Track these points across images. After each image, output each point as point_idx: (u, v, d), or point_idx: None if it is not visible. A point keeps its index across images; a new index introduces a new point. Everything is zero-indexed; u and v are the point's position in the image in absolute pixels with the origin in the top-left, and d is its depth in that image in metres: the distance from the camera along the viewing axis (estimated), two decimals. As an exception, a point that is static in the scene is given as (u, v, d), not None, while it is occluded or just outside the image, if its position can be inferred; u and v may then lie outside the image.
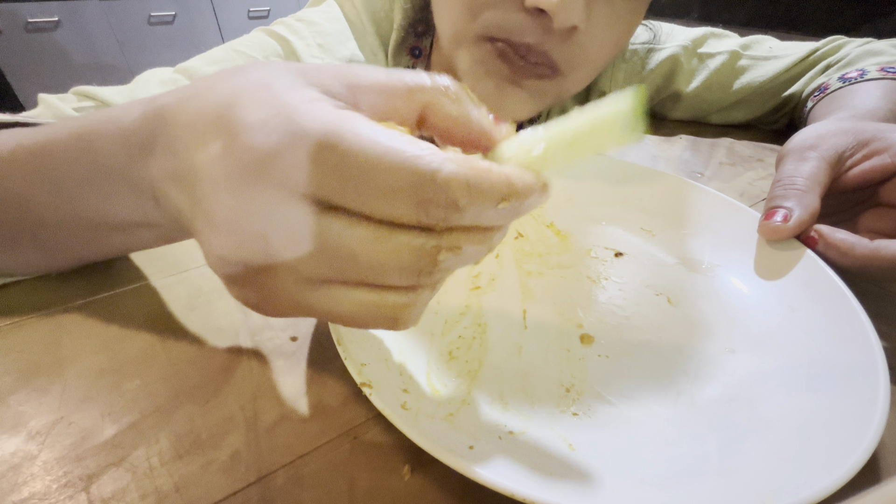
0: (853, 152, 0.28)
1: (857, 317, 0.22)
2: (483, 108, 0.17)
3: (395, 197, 0.13)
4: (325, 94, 0.14)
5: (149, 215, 0.19)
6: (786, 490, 0.15)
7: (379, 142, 0.13)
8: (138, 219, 0.20)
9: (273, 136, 0.13)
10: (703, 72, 0.54)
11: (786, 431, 0.18)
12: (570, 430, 0.19)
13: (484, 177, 0.13)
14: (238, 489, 0.17)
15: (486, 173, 0.13)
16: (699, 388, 0.22)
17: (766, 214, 0.27)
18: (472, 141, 0.16)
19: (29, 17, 1.60)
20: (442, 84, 0.16)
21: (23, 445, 0.18)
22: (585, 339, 0.24)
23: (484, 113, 0.17)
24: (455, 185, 0.13)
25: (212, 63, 0.38)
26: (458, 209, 0.13)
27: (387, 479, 0.18)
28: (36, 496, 0.16)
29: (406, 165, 0.12)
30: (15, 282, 0.26)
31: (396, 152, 0.12)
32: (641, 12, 0.36)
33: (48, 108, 0.32)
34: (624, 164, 0.36)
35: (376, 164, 0.12)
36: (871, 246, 0.24)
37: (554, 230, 0.32)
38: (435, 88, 0.15)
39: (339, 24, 0.42)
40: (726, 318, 0.26)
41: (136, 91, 0.35)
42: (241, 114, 0.13)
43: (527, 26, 0.33)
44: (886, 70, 0.42)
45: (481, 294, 0.27)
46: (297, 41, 0.39)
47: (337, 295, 0.14)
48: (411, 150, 0.13)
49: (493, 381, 0.22)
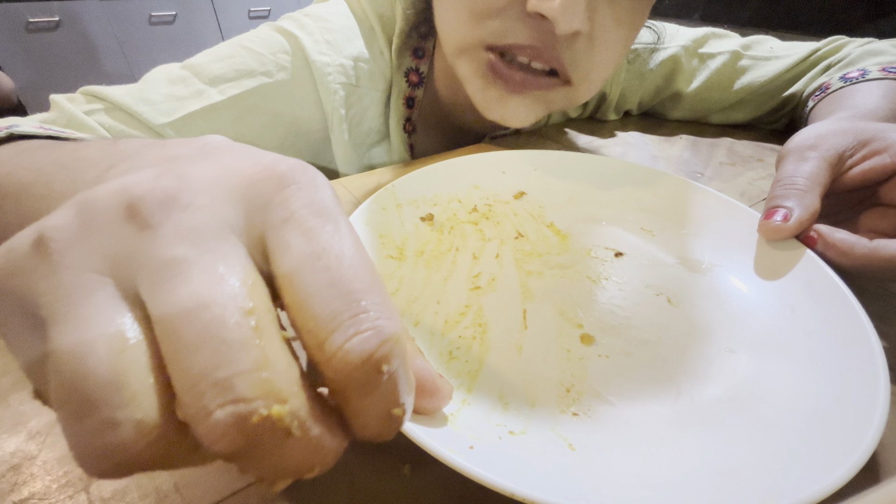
0: (853, 152, 0.28)
1: (857, 317, 0.22)
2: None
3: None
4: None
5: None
6: (786, 490, 0.15)
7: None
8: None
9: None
10: (703, 72, 0.54)
11: (786, 431, 0.18)
12: (570, 430, 0.19)
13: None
14: (238, 489, 0.17)
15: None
16: (699, 388, 0.22)
17: (766, 214, 0.27)
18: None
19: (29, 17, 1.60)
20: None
21: (23, 445, 0.18)
22: (585, 339, 0.24)
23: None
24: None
25: (219, 59, 0.37)
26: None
27: (387, 479, 0.18)
28: (36, 496, 0.16)
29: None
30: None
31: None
32: (645, 14, 0.35)
33: (61, 111, 0.32)
34: (624, 164, 0.36)
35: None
36: (871, 246, 0.24)
37: (554, 230, 0.32)
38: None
39: (347, 22, 0.42)
40: (726, 318, 0.26)
41: (145, 90, 0.35)
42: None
43: (530, 32, 0.33)
44: (888, 70, 0.42)
45: (481, 294, 0.27)
46: (304, 37, 0.39)
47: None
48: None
49: (493, 381, 0.22)
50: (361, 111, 0.43)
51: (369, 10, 0.43)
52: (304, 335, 0.10)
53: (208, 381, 0.09)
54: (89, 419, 0.09)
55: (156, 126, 0.34)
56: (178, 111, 0.35)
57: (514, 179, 0.36)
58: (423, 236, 0.30)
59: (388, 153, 0.48)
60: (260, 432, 0.09)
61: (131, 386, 0.09)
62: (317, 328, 0.10)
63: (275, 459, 0.10)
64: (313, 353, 0.10)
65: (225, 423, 0.09)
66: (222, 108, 0.36)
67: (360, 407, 0.11)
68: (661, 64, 0.55)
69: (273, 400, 0.09)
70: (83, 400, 0.09)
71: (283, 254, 0.11)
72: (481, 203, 0.34)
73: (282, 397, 0.09)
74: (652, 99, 0.59)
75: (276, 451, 0.09)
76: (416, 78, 0.44)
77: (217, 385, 0.09)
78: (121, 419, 0.09)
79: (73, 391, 0.09)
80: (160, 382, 0.09)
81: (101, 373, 0.09)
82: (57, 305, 0.09)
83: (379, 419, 0.11)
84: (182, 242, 0.10)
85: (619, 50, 0.36)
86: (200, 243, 0.10)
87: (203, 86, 0.36)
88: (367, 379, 0.10)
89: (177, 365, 0.09)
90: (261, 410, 0.09)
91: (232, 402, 0.09)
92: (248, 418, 0.09)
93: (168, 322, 0.09)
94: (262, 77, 0.38)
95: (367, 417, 0.11)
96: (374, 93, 0.43)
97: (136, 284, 0.10)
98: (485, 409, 0.20)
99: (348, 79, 0.41)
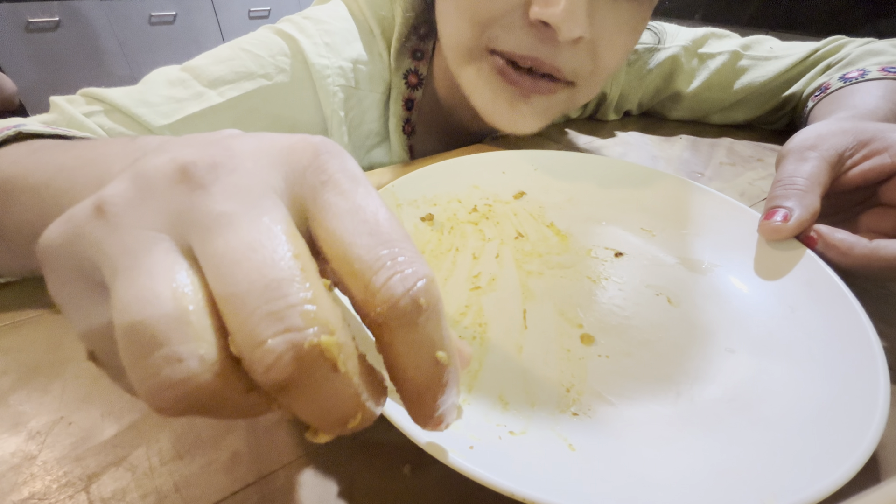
0: (853, 152, 0.28)
1: (857, 317, 0.22)
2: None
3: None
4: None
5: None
6: (786, 490, 0.15)
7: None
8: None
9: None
10: (703, 72, 0.54)
11: (786, 431, 0.18)
12: (570, 430, 0.19)
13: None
14: (238, 489, 0.17)
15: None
16: (699, 388, 0.22)
17: (766, 214, 0.27)
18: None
19: (29, 17, 1.60)
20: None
21: (23, 445, 0.18)
22: (585, 339, 0.24)
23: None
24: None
25: (218, 61, 0.37)
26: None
27: (387, 479, 0.18)
28: (36, 496, 0.16)
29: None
30: (15, 282, 0.26)
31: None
32: (647, 15, 0.35)
33: (61, 113, 0.32)
34: (624, 164, 0.36)
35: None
36: (871, 246, 0.24)
37: (554, 230, 0.32)
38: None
39: (346, 24, 0.42)
40: (726, 318, 0.26)
41: (144, 92, 0.35)
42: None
43: (532, 40, 0.33)
44: (887, 70, 0.42)
45: (481, 294, 0.27)
46: (304, 39, 0.39)
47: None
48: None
49: (493, 381, 0.22)
50: (361, 113, 0.43)
51: (368, 12, 0.43)
52: (348, 279, 0.11)
53: (262, 313, 0.10)
54: (157, 355, 0.10)
55: (155, 128, 0.34)
56: (178, 113, 0.35)
57: (514, 179, 0.36)
58: (423, 236, 0.30)
59: (388, 155, 0.48)
60: (310, 361, 0.10)
61: (193, 323, 0.10)
62: (361, 270, 0.11)
63: (321, 396, 0.10)
64: (358, 294, 0.11)
65: (279, 349, 0.09)
66: (222, 111, 0.36)
67: (405, 344, 0.11)
68: (660, 64, 0.55)
69: (323, 330, 0.10)
70: (150, 339, 0.10)
71: (326, 210, 0.12)
72: (481, 203, 0.34)
73: (330, 328, 0.10)
74: (652, 99, 0.59)
75: (322, 385, 0.10)
76: (415, 79, 0.44)
77: (271, 315, 0.10)
78: (185, 354, 0.10)
79: (140, 332, 0.10)
80: (215, 323, 0.10)
81: (166, 313, 0.10)
82: (120, 259, 0.10)
83: (425, 360, 0.12)
84: (231, 199, 0.11)
85: (620, 54, 0.36)
86: (247, 200, 0.11)
87: (202, 88, 0.36)
88: (410, 311, 0.11)
89: (231, 303, 0.10)
90: (311, 338, 0.10)
91: (284, 330, 0.09)
92: (300, 345, 0.09)
93: (222, 265, 0.10)
94: (261, 79, 0.38)
95: (414, 358, 0.11)
96: (374, 95, 0.43)
97: (188, 238, 0.11)
98: (485, 409, 0.20)
99: (347, 81, 0.41)
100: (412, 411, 0.13)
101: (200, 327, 0.10)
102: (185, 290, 0.10)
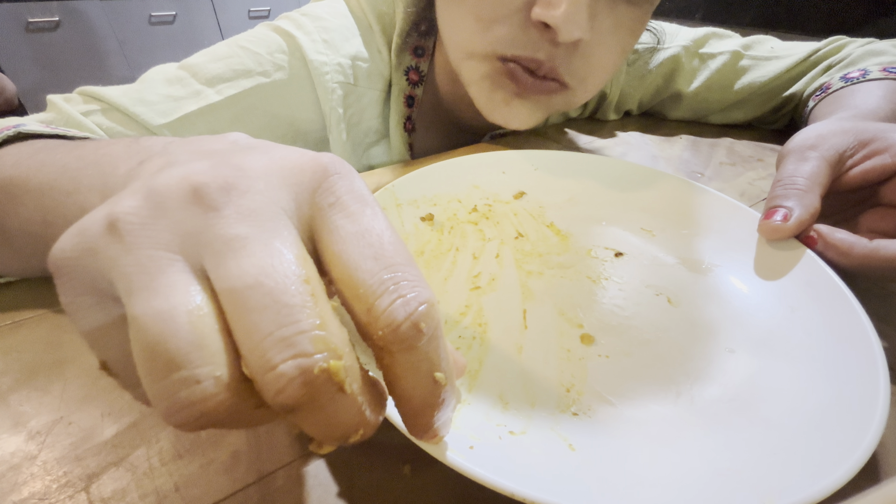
0: (854, 152, 0.28)
1: (857, 317, 0.22)
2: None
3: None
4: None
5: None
6: (786, 490, 0.15)
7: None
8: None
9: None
10: (704, 72, 0.54)
11: (786, 431, 0.18)
12: (570, 430, 0.19)
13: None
14: (238, 489, 0.17)
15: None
16: (699, 388, 0.22)
17: (766, 214, 0.27)
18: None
19: (29, 17, 1.60)
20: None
21: (23, 445, 0.18)
22: (585, 339, 0.24)
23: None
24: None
25: (216, 59, 0.37)
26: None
27: (387, 479, 0.18)
28: (36, 496, 0.16)
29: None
30: (15, 282, 0.26)
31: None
32: (646, 19, 0.35)
33: (59, 112, 0.32)
34: (624, 164, 0.36)
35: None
36: (871, 246, 0.24)
37: (554, 230, 0.32)
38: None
39: (344, 21, 0.42)
40: (726, 318, 0.25)
41: (142, 91, 0.35)
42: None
43: (534, 41, 0.33)
44: (889, 70, 0.42)
45: (481, 294, 0.27)
46: (301, 36, 0.39)
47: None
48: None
49: (493, 381, 0.22)
50: (360, 111, 0.43)
51: (368, 8, 0.43)
52: (352, 301, 0.12)
53: (274, 339, 0.10)
54: (174, 377, 0.10)
55: (153, 127, 0.34)
56: (176, 112, 0.35)
57: (514, 179, 0.36)
58: (423, 236, 0.30)
59: (387, 153, 0.47)
60: (318, 385, 0.10)
61: (209, 347, 0.10)
62: (365, 294, 0.11)
63: (327, 416, 0.11)
64: (361, 317, 0.11)
65: (289, 374, 0.10)
66: (220, 109, 0.36)
67: (405, 367, 0.12)
68: (661, 64, 0.55)
69: (331, 355, 0.10)
70: (168, 361, 0.10)
71: (334, 232, 0.12)
72: (481, 203, 0.34)
73: (338, 353, 0.10)
74: (652, 99, 0.59)
75: (329, 405, 0.10)
76: (416, 76, 0.44)
77: (282, 342, 0.10)
78: (202, 375, 0.10)
79: (158, 352, 0.10)
80: (228, 343, 0.11)
81: (184, 336, 0.10)
82: (136, 279, 0.10)
83: (423, 381, 0.12)
84: (243, 222, 0.11)
85: (618, 56, 0.36)
86: (259, 223, 0.11)
87: (200, 86, 0.36)
88: (410, 335, 0.11)
89: (243, 327, 0.10)
90: (321, 363, 0.10)
91: (294, 356, 0.10)
92: (309, 370, 0.10)
93: (235, 290, 0.10)
94: (259, 77, 0.38)
95: (413, 379, 0.12)
96: (373, 92, 0.43)
97: (201, 260, 0.11)
98: (485, 409, 0.20)
99: (346, 78, 0.41)
100: (409, 425, 0.13)
101: (216, 349, 0.10)
102: (200, 313, 0.10)
